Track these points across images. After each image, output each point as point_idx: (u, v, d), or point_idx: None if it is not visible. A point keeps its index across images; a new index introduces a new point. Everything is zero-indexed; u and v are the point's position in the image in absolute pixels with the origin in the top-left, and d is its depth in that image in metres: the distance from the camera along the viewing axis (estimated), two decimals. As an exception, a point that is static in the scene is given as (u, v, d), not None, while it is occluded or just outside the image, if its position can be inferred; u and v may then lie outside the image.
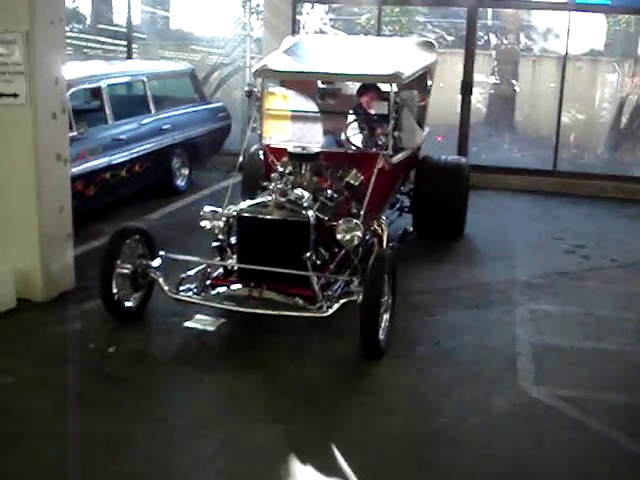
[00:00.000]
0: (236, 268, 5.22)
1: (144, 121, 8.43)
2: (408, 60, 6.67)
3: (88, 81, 7.64)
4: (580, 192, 9.56)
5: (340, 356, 4.83)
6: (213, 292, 5.17)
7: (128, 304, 5.21)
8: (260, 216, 5.19)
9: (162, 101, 8.94)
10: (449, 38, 12.10)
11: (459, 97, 9.91)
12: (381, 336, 4.76)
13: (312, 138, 6.48)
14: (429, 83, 7.31)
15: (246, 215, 5.24)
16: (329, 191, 5.80)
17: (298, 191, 5.47)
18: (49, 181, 5.43)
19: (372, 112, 6.90)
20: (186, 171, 9.33)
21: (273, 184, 5.40)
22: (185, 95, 9.79)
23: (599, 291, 6.21)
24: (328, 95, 6.66)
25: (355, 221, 5.30)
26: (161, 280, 5.09)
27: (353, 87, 7.29)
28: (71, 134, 6.90)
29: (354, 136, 6.84)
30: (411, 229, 7.24)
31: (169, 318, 5.29)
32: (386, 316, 4.90)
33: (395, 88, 6.12)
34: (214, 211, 5.43)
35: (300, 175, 5.77)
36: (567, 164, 10.44)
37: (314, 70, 6.41)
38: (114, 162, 7.63)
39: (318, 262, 5.23)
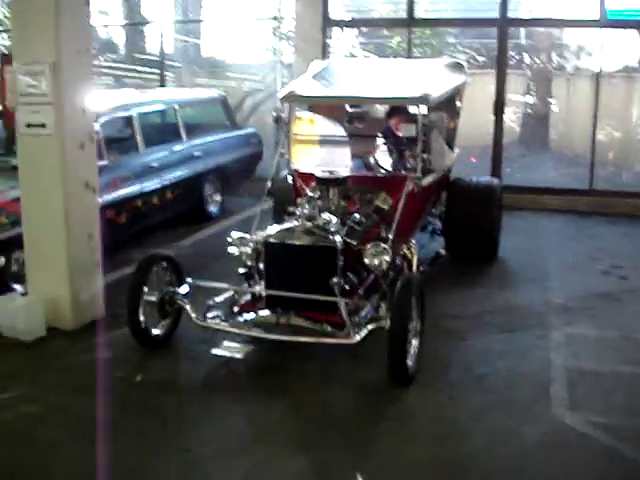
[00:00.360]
0: (263, 294, 5.19)
1: (175, 148, 8.51)
2: (437, 82, 6.62)
3: (119, 110, 7.74)
4: (617, 211, 9.35)
5: (368, 382, 4.73)
6: (240, 319, 5.15)
7: (156, 332, 5.20)
8: (287, 242, 5.16)
9: (193, 128, 9.01)
10: (480, 59, 12.02)
11: (492, 117, 9.81)
12: (410, 362, 4.66)
13: (340, 162, 6.45)
14: (458, 104, 7.24)
15: (272, 241, 5.21)
16: (357, 215, 5.75)
17: (326, 216, 5.42)
18: (78, 210, 5.47)
19: (401, 135, 6.86)
20: (218, 197, 9.38)
21: (299, 209, 5.37)
22: (217, 122, 9.87)
23: (637, 313, 6.01)
24: (356, 119, 6.63)
25: (383, 245, 5.23)
26: (188, 307, 5.08)
27: (382, 110, 7.24)
28: (102, 163, 7.03)
29: (383, 159, 6.81)
30: (443, 252, 7.14)
31: (197, 345, 5.26)
32: (415, 342, 4.80)
33: (424, 110, 6.07)
34: (242, 237, 5.42)
35: (328, 199, 5.73)
36: (603, 183, 10.22)
37: (341, 94, 6.38)
38: (145, 190, 7.69)
39: (347, 287, 5.18)
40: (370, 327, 4.68)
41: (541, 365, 4.98)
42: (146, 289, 5.08)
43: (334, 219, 5.40)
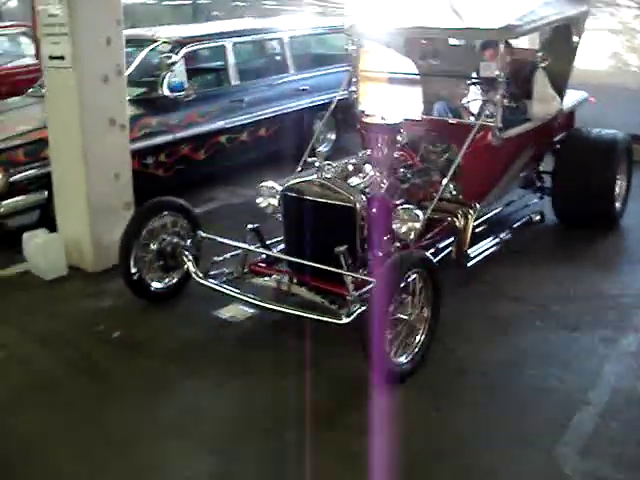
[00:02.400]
0: (264, 256, 4.63)
1: (278, 82, 7.93)
2: (539, 10, 5.39)
3: (208, 40, 7.29)
4: None
5: (352, 376, 3.92)
6: (247, 280, 4.61)
7: (156, 285, 4.80)
8: (299, 195, 4.48)
9: (307, 60, 8.37)
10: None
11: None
12: (402, 358, 3.86)
13: (411, 104, 5.50)
14: (575, 40, 5.84)
15: (287, 193, 4.57)
16: (402, 170, 4.91)
17: (367, 168, 4.68)
18: (100, 147, 5.15)
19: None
20: (332, 135, 8.68)
21: (319, 159, 4.64)
22: (339, 53, 9.08)
23: None
24: (429, 54, 5.60)
25: (416, 210, 4.38)
26: (190, 263, 4.62)
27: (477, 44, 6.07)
28: (178, 95, 6.69)
29: (474, 102, 5.75)
30: (538, 217, 5.89)
31: (201, 305, 4.77)
32: (419, 337, 3.97)
33: (503, 44, 4.96)
34: (271, 187, 4.83)
35: (377, 149, 4.95)
36: None
37: (409, 25, 5.37)
38: (230, 125, 7.24)
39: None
40: (364, 308, 3.91)
41: (584, 380, 3.89)
42: (142, 239, 4.67)
43: (371, 173, 4.64)
